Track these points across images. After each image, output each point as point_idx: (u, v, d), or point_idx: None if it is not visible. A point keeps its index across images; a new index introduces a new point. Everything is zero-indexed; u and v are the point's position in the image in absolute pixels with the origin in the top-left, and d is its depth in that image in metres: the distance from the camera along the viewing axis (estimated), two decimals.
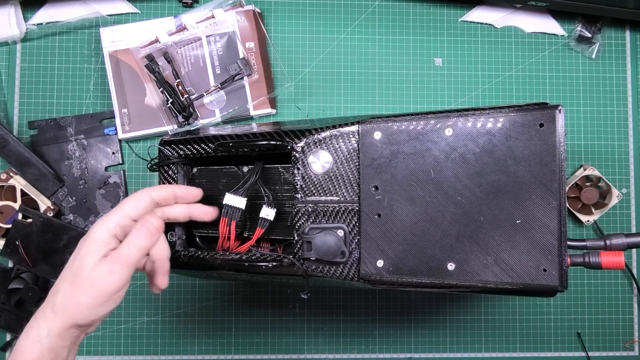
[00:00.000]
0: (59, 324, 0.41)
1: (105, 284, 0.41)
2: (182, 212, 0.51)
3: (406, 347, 0.73)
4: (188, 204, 0.52)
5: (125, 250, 0.42)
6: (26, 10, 0.72)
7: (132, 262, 0.42)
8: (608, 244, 0.47)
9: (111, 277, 0.41)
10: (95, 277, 0.41)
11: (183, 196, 0.51)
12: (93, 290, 0.41)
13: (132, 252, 0.42)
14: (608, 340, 0.74)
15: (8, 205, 0.69)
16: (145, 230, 0.43)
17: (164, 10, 0.73)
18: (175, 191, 0.51)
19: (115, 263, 0.42)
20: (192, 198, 0.52)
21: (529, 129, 0.45)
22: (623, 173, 0.75)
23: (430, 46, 0.75)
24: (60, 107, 0.72)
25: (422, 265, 0.48)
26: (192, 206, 0.52)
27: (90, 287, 0.41)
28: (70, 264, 0.43)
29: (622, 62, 0.75)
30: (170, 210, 0.51)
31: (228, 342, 0.72)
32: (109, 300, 0.42)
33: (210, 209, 0.53)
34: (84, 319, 0.41)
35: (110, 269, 0.41)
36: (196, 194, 0.53)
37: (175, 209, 0.51)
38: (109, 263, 0.42)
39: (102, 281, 0.41)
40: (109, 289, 0.41)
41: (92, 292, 0.41)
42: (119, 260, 0.42)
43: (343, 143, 0.50)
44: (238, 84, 0.70)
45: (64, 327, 0.41)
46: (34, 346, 0.41)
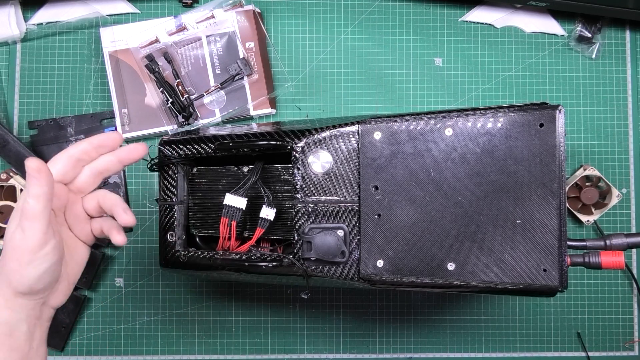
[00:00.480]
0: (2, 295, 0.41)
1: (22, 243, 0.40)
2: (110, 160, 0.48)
3: (406, 347, 0.73)
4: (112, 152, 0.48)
5: (24, 205, 0.40)
6: (26, 10, 0.72)
7: (36, 213, 0.40)
8: (608, 244, 0.47)
9: (24, 234, 0.40)
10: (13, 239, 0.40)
11: (101, 144, 0.47)
12: (14, 253, 0.40)
13: (30, 203, 0.40)
14: (608, 340, 0.74)
15: (8, 205, 0.69)
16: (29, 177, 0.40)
17: (164, 10, 0.73)
18: (91, 141, 0.47)
19: (23, 220, 0.40)
20: (112, 142, 0.48)
21: (529, 129, 0.45)
22: (623, 173, 0.75)
23: (430, 46, 0.75)
24: (60, 107, 0.72)
25: (422, 265, 0.48)
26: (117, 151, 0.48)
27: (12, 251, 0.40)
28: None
29: (622, 62, 0.75)
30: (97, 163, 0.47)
31: (228, 342, 0.72)
32: (34, 260, 0.40)
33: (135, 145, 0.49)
34: (20, 284, 0.40)
35: (22, 227, 0.40)
36: (114, 136, 0.48)
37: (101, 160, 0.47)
38: (20, 222, 0.40)
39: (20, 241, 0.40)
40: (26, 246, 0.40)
41: (15, 255, 0.40)
42: (24, 217, 0.40)
43: (343, 143, 0.50)
44: (238, 84, 0.70)
45: (8, 298, 0.41)
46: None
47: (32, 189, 0.39)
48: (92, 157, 0.47)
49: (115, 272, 0.72)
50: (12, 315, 0.41)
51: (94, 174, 0.47)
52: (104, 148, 0.47)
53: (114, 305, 0.72)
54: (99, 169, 0.47)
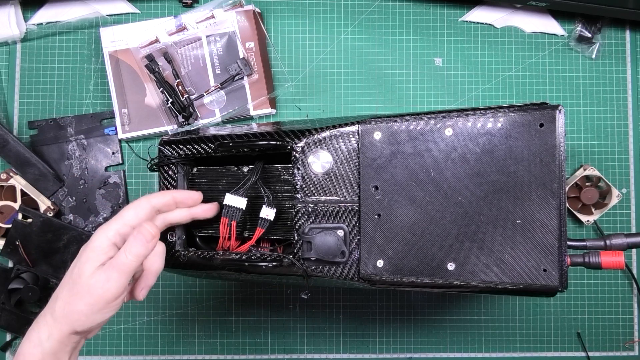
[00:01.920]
0: (58, 329, 0.42)
1: (102, 292, 0.42)
2: (183, 215, 0.52)
3: (406, 347, 0.73)
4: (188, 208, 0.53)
5: (122, 257, 0.42)
6: (26, 10, 0.72)
7: (129, 270, 0.42)
8: (608, 244, 0.47)
9: (108, 284, 0.42)
10: (92, 285, 0.42)
11: (183, 201, 0.52)
12: (90, 298, 0.42)
13: (128, 259, 0.42)
14: (608, 340, 0.74)
15: (8, 205, 0.69)
16: (141, 237, 0.43)
17: (164, 10, 0.73)
18: (175, 196, 0.52)
19: (112, 271, 0.42)
20: (192, 202, 0.53)
21: (529, 129, 0.45)
22: (623, 173, 0.75)
23: (430, 46, 0.75)
24: (60, 107, 0.72)
25: (422, 265, 0.48)
26: (193, 208, 0.53)
27: (87, 295, 0.42)
28: (70, 271, 0.44)
29: (622, 62, 0.75)
30: (172, 215, 0.52)
31: (228, 342, 0.72)
32: (106, 308, 0.42)
33: (210, 206, 0.54)
34: (82, 326, 0.42)
35: (107, 277, 0.42)
36: (196, 197, 0.53)
37: (176, 214, 0.52)
38: (106, 271, 0.42)
39: (99, 289, 0.42)
40: (105, 296, 0.42)
41: (89, 300, 0.42)
42: (116, 268, 0.42)
43: (343, 143, 0.50)
44: (238, 84, 0.70)
45: (64, 333, 0.42)
46: (36, 350, 0.42)
47: (138, 249, 0.43)
48: (169, 210, 0.51)
49: None
50: (61, 347, 0.42)
51: (164, 224, 0.51)
52: (183, 204, 0.52)
53: None
54: (170, 221, 0.52)
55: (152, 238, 0.44)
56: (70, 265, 0.44)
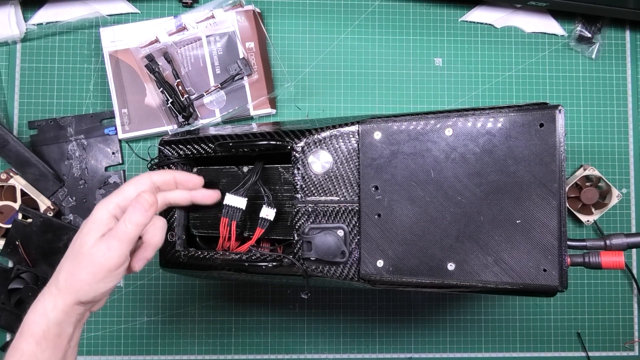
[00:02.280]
0: (62, 300, 0.43)
1: (104, 260, 0.42)
2: (183, 196, 0.53)
3: (406, 347, 0.73)
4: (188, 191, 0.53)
5: (122, 226, 0.43)
6: (26, 10, 0.72)
7: (129, 238, 0.43)
8: (608, 244, 0.47)
9: (109, 253, 0.42)
10: (94, 254, 0.43)
11: (183, 182, 0.53)
12: (92, 267, 0.42)
13: (127, 228, 0.43)
14: (608, 340, 0.74)
15: (8, 205, 0.69)
16: (139, 206, 0.44)
17: (164, 10, 0.73)
18: (176, 176, 0.52)
19: (112, 239, 0.43)
20: (193, 185, 0.54)
21: (529, 129, 0.45)
22: (623, 173, 0.75)
23: (430, 46, 0.75)
24: (60, 107, 0.72)
25: (422, 265, 0.48)
26: (194, 192, 0.53)
27: (89, 264, 0.42)
28: (72, 243, 0.45)
29: (622, 62, 0.75)
30: (171, 195, 0.52)
31: (228, 342, 0.72)
32: (108, 277, 0.43)
33: (211, 192, 0.54)
34: (85, 296, 0.43)
35: (108, 246, 0.43)
36: (197, 181, 0.54)
37: (176, 194, 0.52)
38: (107, 240, 0.43)
39: (101, 257, 0.42)
40: (107, 265, 0.42)
41: (91, 269, 0.42)
42: (116, 237, 0.43)
43: (343, 143, 0.50)
44: (238, 84, 0.70)
45: (68, 304, 0.43)
46: (41, 319, 0.42)
47: (137, 218, 0.43)
48: (170, 189, 0.52)
49: None
50: (66, 318, 0.43)
51: (163, 203, 0.51)
52: (184, 185, 0.53)
53: (114, 305, 0.72)
54: (170, 201, 0.52)
55: (150, 206, 0.44)
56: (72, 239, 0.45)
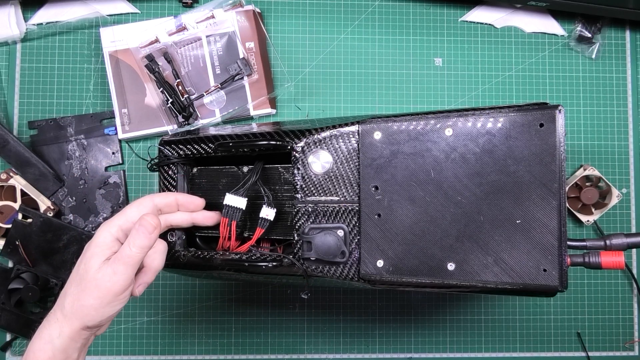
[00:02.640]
0: (69, 326, 0.43)
1: (110, 285, 0.43)
2: (184, 219, 0.53)
3: (406, 347, 0.73)
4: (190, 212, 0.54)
5: (127, 250, 0.44)
6: (26, 10, 0.72)
7: (134, 262, 0.43)
8: (608, 244, 0.47)
9: (115, 277, 0.43)
10: (99, 279, 0.43)
11: (185, 205, 0.53)
12: (99, 292, 0.42)
13: (132, 251, 0.43)
14: (608, 340, 0.74)
15: (8, 205, 0.69)
16: (143, 229, 0.44)
17: (164, 10, 0.73)
18: (178, 199, 0.52)
19: (117, 264, 0.43)
20: (194, 207, 0.54)
21: (529, 129, 0.45)
22: (623, 173, 0.75)
23: (430, 46, 0.75)
24: (60, 107, 0.72)
25: (422, 265, 0.48)
26: (194, 214, 0.54)
27: (95, 289, 0.43)
28: (76, 268, 0.45)
29: (622, 62, 0.75)
30: (173, 217, 0.53)
31: (228, 342, 0.72)
32: (114, 301, 0.43)
33: (212, 214, 0.55)
34: (92, 320, 0.43)
35: (114, 270, 0.43)
36: (198, 203, 0.54)
37: (178, 216, 0.53)
38: (112, 264, 0.43)
39: (107, 282, 0.43)
40: (113, 289, 0.43)
41: (97, 294, 0.42)
42: (121, 261, 0.43)
43: (343, 143, 0.50)
44: (238, 84, 0.70)
45: (74, 329, 0.43)
46: (46, 347, 0.43)
47: (142, 241, 0.44)
48: (171, 211, 0.52)
49: None
50: (71, 344, 0.43)
51: (165, 224, 0.52)
52: (185, 207, 0.53)
53: None
54: (171, 223, 0.53)
55: (154, 229, 0.44)
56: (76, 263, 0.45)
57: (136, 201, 0.49)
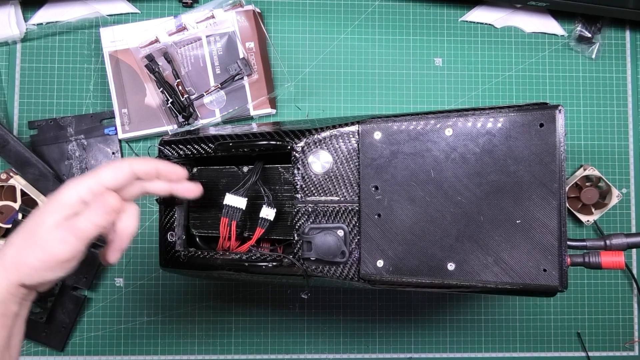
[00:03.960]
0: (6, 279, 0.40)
1: (56, 251, 0.40)
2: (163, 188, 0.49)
3: (406, 347, 0.73)
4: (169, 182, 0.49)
5: (80, 223, 0.41)
6: (26, 10, 0.72)
7: (85, 236, 0.41)
8: (608, 244, 0.47)
9: (62, 246, 0.40)
10: (47, 241, 0.40)
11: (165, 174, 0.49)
12: (43, 254, 0.40)
13: (85, 226, 0.41)
14: (608, 340, 0.74)
15: (8, 205, 0.69)
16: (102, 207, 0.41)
17: (164, 10, 0.73)
18: (158, 167, 0.48)
19: (68, 233, 0.40)
20: (176, 178, 0.49)
21: (529, 129, 0.45)
22: (623, 173, 0.75)
23: (430, 46, 0.75)
24: (60, 107, 0.72)
25: (422, 265, 0.48)
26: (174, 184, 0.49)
27: (41, 250, 0.40)
28: (30, 217, 0.42)
29: (622, 62, 0.75)
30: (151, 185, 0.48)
31: (228, 342, 0.72)
32: (58, 268, 0.41)
33: (193, 186, 0.50)
34: (30, 280, 0.40)
35: (63, 238, 0.40)
36: (180, 173, 0.49)
37: (156, 185, 0.49)
38: (64, 231, 0.40)
39: (53, 248, 0.40)
40: (58, 256, 0.40)
41: (42, 256, 0.40)
42: (72, 232, 0.41)
43: (343, 143, 0.50)
44: (238, 84, 0.70)
45: (12, 284, 0.40)
46: None
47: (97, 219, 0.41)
48: (150, 179, 0.48)
49: (115, 272, 0.72)
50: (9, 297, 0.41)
51: (141, 191, 0.48)
52: (166, 177, 0.49)
53: (114, 305, 0.72)
54: (148, 190, 0.48)
55: (112, 212, 0.42)
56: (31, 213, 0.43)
57: (114, 163, 0.45)
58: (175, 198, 0.56)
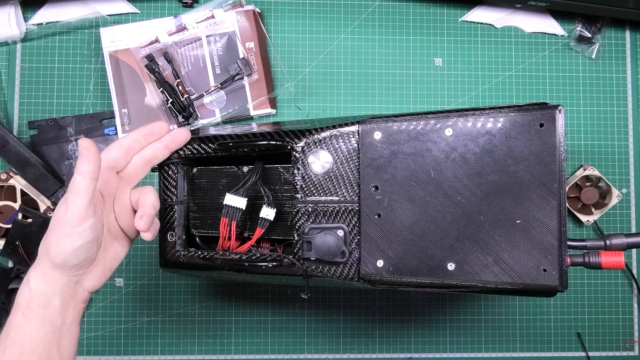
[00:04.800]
0: (39, 265, 0.43)
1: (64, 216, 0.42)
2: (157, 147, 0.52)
3: (406, 347, 0.73)
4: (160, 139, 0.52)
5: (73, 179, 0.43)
6: (26, 10, 0.72)
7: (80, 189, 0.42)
8: (608, 244, 0.47)
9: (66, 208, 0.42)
10: (56, 213, 0.43)
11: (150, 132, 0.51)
12: (56, 224, 0.43)
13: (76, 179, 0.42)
14: (608, 340, 0.74)
15: (8, 205, 0.69)
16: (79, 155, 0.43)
17: (164, 10, 0.73)
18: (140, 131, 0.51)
19: (68, 194, 0.43)
20: (159, 130, 0.52)
21: (529, 129, 0.45)
22: (623, 173, 0.75)
23: (430, 46, 0.75)
24: (60, 107, 0.72)
25: (422, 265, 0.48)
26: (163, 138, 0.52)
27: (55, 223, 0.43)
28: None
29: (622, 62, 0.75)
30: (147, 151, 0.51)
31: (228, 342, 0.72)
32: (72, 234, 0.42)
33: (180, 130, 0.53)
34: (55, 256, 0.43)
35: (66, 202, 0.43)
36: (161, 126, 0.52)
37: (150, 148, 0.51)
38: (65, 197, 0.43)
39: (62, 215, 0.42)
40: (67, 220, 0.42)
41: (55, 226, 0.43)
42: (70, 191, 0.42)
43: (343, 143, 0.50)
44: (238, 84, 0.70)
45: (44, 268, 0.43)
46: (24, 290, 0.43)
47: (80, 166, 0.42)
48: (141, 145, 0.51)
49: (115, 272, 0.72)
50: (47, 287, 0.43)
51: (143, 162, 0.51)
52: (152, 136, 0.51)
53: (114, 305, 0.72)
54: (147, 157, 0.51)
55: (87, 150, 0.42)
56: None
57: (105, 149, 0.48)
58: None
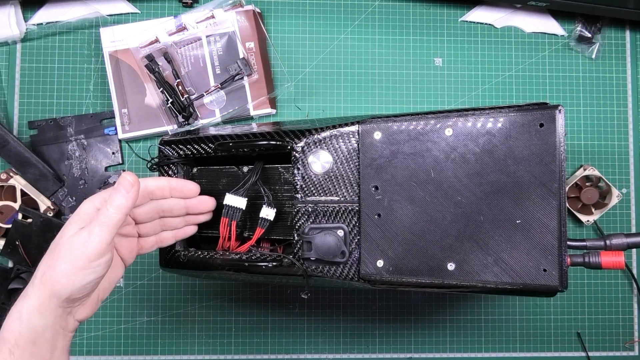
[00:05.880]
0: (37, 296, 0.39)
1: (84, 248, 0.39)
2: (177, 204, 0.50)
3: (406, 347, 0.73)
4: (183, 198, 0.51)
5: (104, 211, 0.40)
6: (26, 10, 0.72)
7: (111, 223, 0.40)
8: (608, 244, 0.47)
9: (89, 239, 0.39)
10: (73, 242, 0.39)
11: (178, 189, 0.50)
12: (71, 255, 0.39)
13: (109, 212, 0.40)
14: (608, 340, 0.74)
15: (8, 205, 0.69)
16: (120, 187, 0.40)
17: (164, 10, 0.73)
18: (170, 183, 0.49)
19: (94, 225, 0.39)
20: (188, 192, 0.51)
21: (529, 129, 0.45)
22: (623, 173, 0.75)
23: (430, 46, 0.75)
24: (60, 107, 0.72)
25: (422, 265, 0.48)
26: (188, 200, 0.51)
27: (68, 253, 0.39)
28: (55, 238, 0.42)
29: (622, 62, 0.75)
30: (165, 203, 0.49)
31: (228, 342, 0.72)
32: (88, 268, 0.39)
33: (207, 198, 0.52)
34: (62, 289, 0.38)
35: (89, 232, 0.39)
36: (192, 187, 0.51)
37: (170, 202, 0.50)
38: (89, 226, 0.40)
39: (81, 245, 0.39)
40: (87, 253, 0.39)
41: (70, 257, 0.39)
42: (97, 222, 0.39)
43: (343, 143, 0.50)
44: (238, 84, 0.70)
45: (42, 300, 0.39)
46: (14, 324, 0.39)
47: (119, 200, 0.40)
48: (163, 196, 0.49)
49: None
50: (40, 321, 0.39)
51: (156, 211, 0.49)
52: (178, 193, 0.50)
53: (114, 305, 0.72)
54: (163, 208, 0.49)
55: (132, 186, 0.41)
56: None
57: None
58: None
